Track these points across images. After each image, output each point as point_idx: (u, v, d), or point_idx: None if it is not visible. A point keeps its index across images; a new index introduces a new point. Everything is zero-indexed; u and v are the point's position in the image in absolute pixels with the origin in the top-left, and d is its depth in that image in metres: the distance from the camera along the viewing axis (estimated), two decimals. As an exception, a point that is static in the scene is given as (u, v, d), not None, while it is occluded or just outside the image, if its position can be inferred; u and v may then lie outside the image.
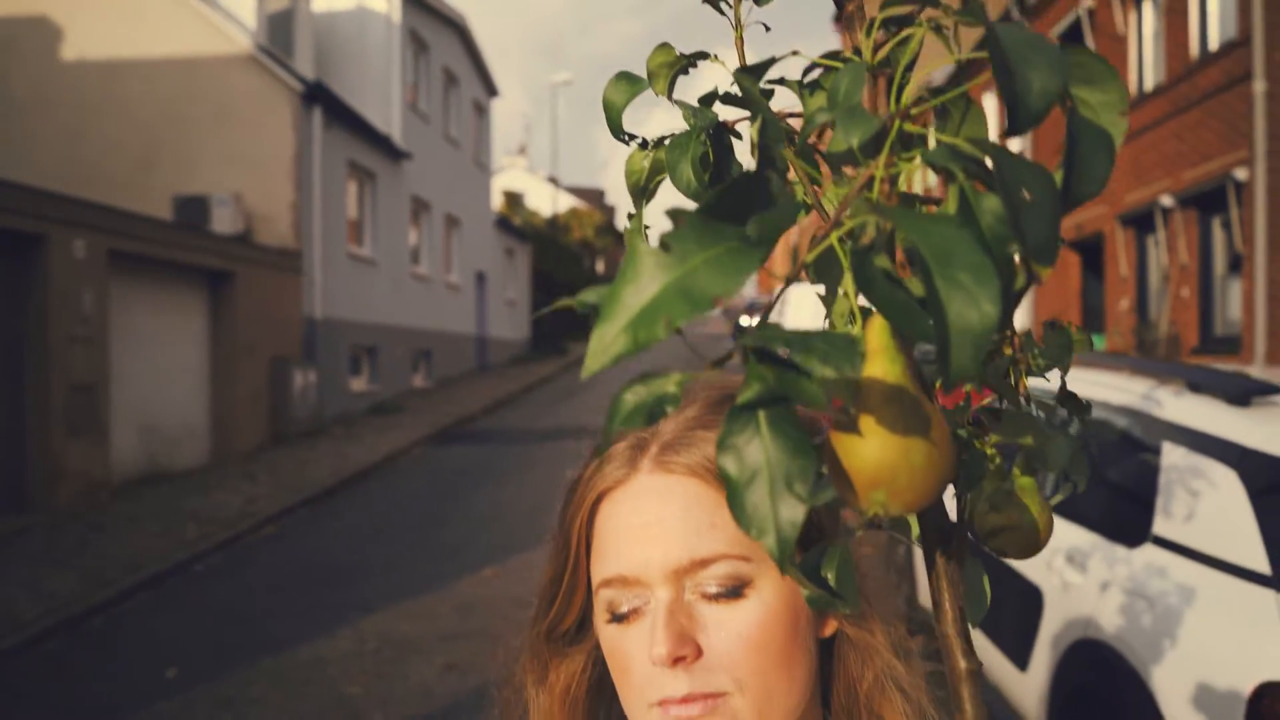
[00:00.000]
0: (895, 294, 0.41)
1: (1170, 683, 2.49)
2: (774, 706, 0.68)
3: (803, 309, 15.82)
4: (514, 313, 27.68)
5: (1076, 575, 3.13)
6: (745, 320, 26.95)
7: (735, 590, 0.68)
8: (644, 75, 0.63)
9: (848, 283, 0.43)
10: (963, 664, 0.55)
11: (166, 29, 13.41)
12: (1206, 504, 2.66)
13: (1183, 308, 11.49)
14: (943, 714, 0.75)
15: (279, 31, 14.85)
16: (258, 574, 7.47)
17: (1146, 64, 12.69)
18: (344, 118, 14.88)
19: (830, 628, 0.75)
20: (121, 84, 13.43)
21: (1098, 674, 2.89)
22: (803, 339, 0.38)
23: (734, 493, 0.40)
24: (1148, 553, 2.83)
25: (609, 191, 62.85)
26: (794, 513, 0.39)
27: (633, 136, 0.65)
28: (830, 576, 0.54)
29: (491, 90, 25.01)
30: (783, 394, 0.40)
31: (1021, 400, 0.61)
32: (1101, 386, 3.62)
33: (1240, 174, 10.07)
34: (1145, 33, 12.68)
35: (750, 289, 50.30)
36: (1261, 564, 2.40)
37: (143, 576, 7.11)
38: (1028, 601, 3.43)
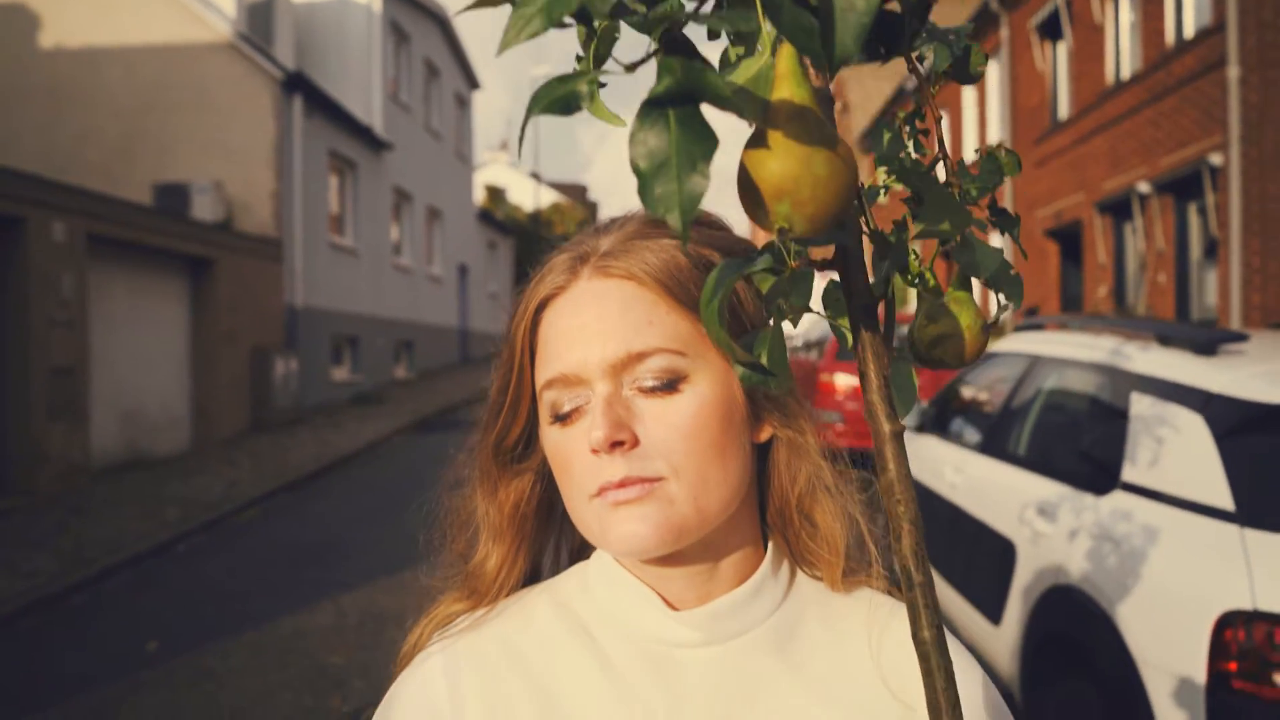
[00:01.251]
0: (800, 18, 0.45)
1: (1138, 620, 2.54)
2: (709, 495, 0.71)
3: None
4: (496, 306, 27.65)
5: (1047, 525, 3.19)
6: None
7: (670, 384, 0.71)
8: (631, 77, 0.64)
9: (759, 12, 0.46)
10: (886, 427, 0.58)
11: (145, 16, 13.33)
12: (1173, 449, 2.72)
13: (1159, 293, 11.61)
14: (871, 519, 0.79)
15: (258, 20, 14.79)
16: (239, 555, 7.46)
17: (1124, 53, 12.81)
18: (325, 107, 14.83)
19: (765, 433, 0.78)
20: (100, 71, 13.35)
21: (1068, 619, 2.94)
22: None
23: (643, 183, 0.43)
24: (1116, 499, 2.89)
25: (591, 187, 62.83)
26: (698, 187, 0.42)
27: None
28: (762, 355, 0.58)
29: (473, 83, 24.96)
30: (691, 89, 0.43)
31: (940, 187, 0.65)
32: (1074, 346, 3.69)
33: (1215, 159, 10.20)
34: (1122, 22, 12.80)
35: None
36: (1226, 501, 2.45)
37: (123, 557, 7.09)
38: (1000, 556, 3.48)
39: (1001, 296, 0.71)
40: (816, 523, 0.78)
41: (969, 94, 17.17)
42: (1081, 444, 3.33)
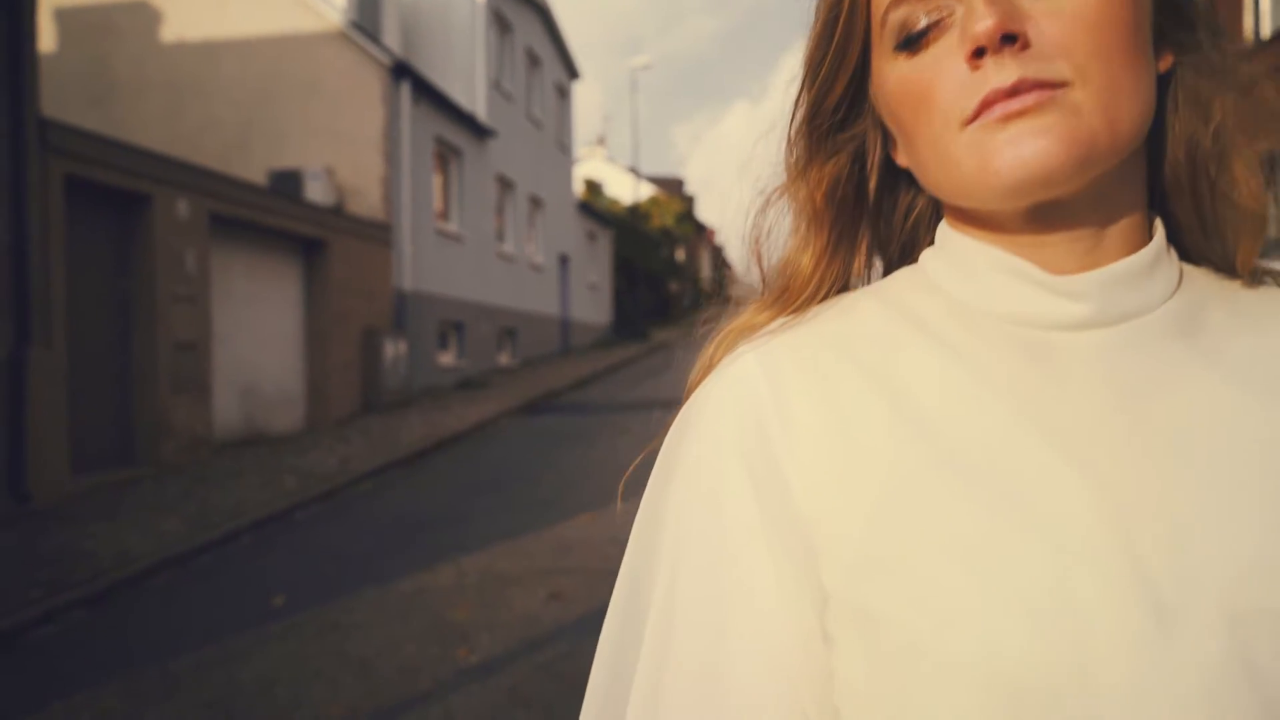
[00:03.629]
0: None
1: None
2: (1120, 106, 0.53)
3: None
4: (596, 296, 27.72)
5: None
6: None
7: None
8: (723, 75, 0.45)
9: None
10: None
11: (259, 8, 13.70)
12: None
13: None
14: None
15: (367, 10, 15.04)
16: (356, 521, 7.52)
17: (1264, 8, 12.02)
18: (431, 95, 15.01)
19: (1166, 62, 0.59)
20: (217, 63, 13.77)
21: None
22: None
23: None
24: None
25: (688, 181, 62.69)
26: None
27: None
28: None
29: (573, 73, 25.05)
30: None
31: None
32: None
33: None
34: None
35: None
36: None
37: (245, 522, 7.21)
38: None
39: None
40: (1237, 175, 0.59)
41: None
42: None
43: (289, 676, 4.32)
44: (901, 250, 0.72)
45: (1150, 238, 0.60)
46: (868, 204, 0.69)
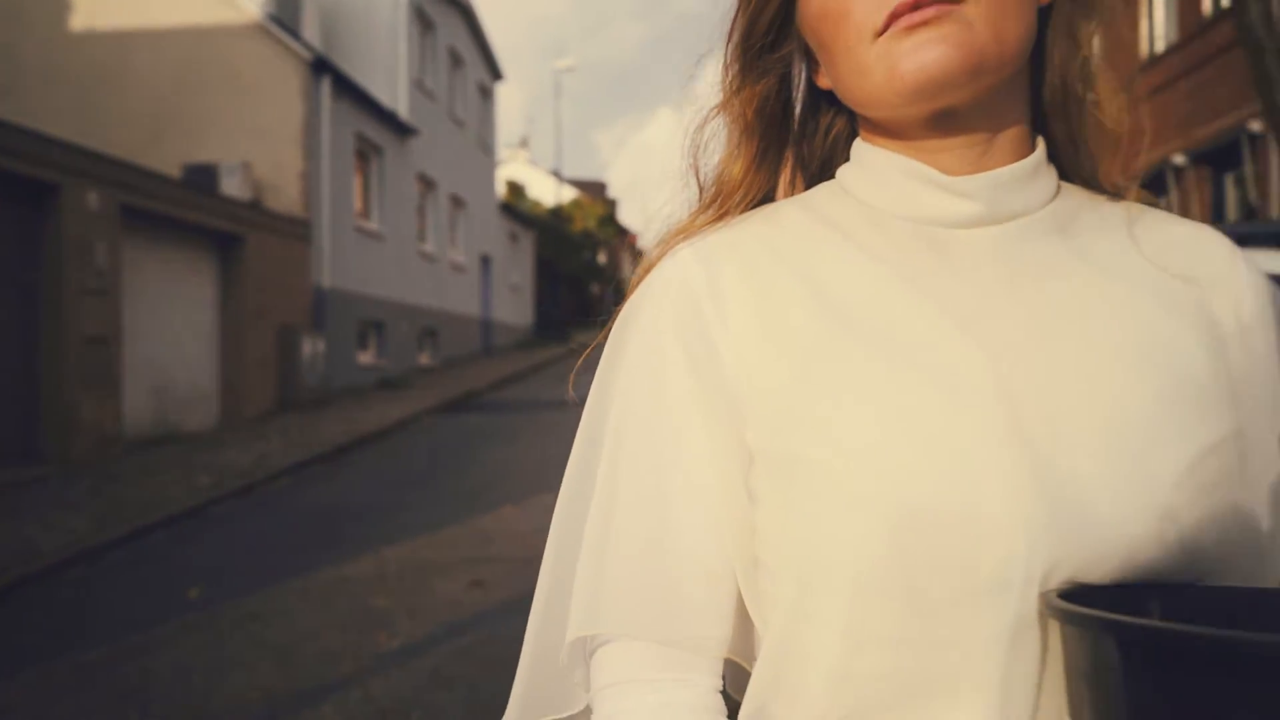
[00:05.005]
0: None
1: None
2: (1005, 25, 0.63)
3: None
4: (518, 297, 27.65)
5: None
6: None
7: None
8: (648, 81, 0.54)
9: None
10: None
11: (174, -1, 13.40)
12: None
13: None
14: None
15: (285, 4, 14.81)
16: (276, 515, 7.44)
17: (1158, 26, 12.66)
18: (351, 91, 14.85)
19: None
20: (131, 54, 13.42)
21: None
22: None
23: None
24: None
25: (611, 186, 62.83)
26: None
27: None
28: None
29: (497, 74, 24.98)
30: None
31: None
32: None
33: (1253, 126, 10.04)
34: (1157, -3, 12.67)
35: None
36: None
37: (158, 517, 7.08)
38: None
39: None
40: (1101, 97, 0.71)
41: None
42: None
43: (205, 665, 4.29)
44: (821, 166, 0.82)
45: (1033, 150, 0.71)
46: (793, 122, 0.80)
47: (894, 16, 0.62)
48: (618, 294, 0.79)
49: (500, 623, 4.65)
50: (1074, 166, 0.74)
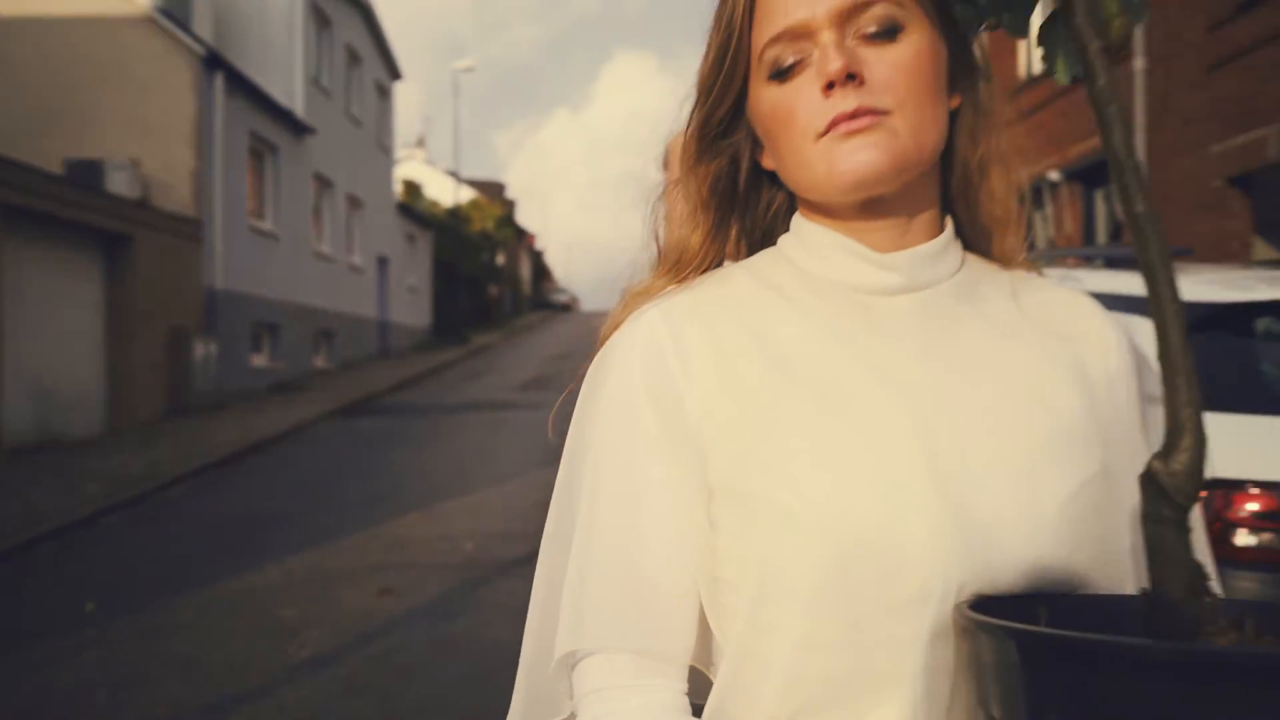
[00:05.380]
0: None
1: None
2: (925, 132, 0.77)
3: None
4: (415, 299, 27.31)
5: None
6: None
7: (891, 31, 0.77)
8: (545, 82, 0.64)
9: None
10: (1095, 42, 0.64)
11: (56, -13, 12.85)
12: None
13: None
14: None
15: (176, -3, 14.37)
16: (172, 525, 7.28)
17: (1034, 50, 13.38)
18: (246, 88, 14.50)
19: (955, 100, 0.84)
20: (10, 42, 12.80)
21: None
22: None
23: None
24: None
25: (510, 186, 62.39)
26: None
27: None
28: None
29: (395, 73, 24.64)
30: None
31: None
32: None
33: (1122, 147, 10.74)
34: (1033, 20, 13.36)
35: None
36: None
37: (45, 529, 6.84)
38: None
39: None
40: (994, 188, 0.86)
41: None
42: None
43: (109, 680, 4.21)
44: (763, 235, 0.96)
45: (943, 229, 0.86)
46: (739, 197, 0.94)
47: (834, 123, 0.76)
48: (515, 297, 0.91)
49: (410, 630, 4.69)
50: (974, 242, 0.89)
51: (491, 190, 46.41)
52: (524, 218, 50.32)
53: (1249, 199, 9.27)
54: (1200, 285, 2.88)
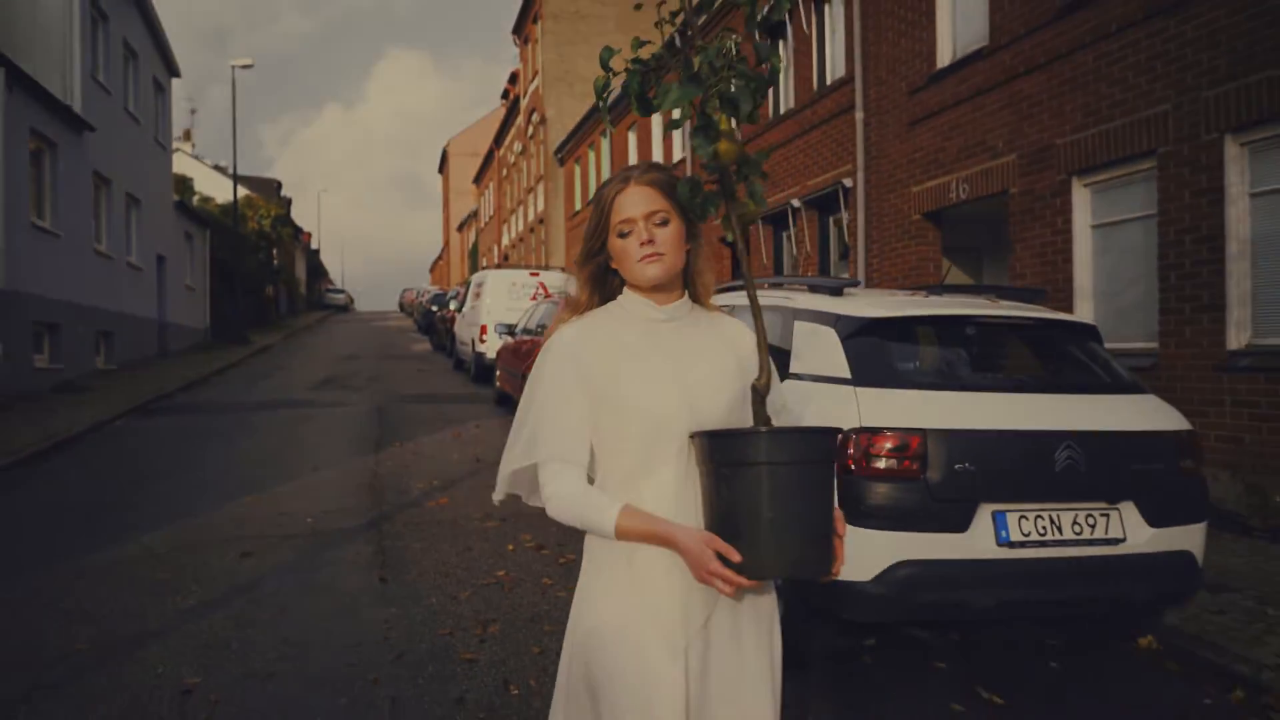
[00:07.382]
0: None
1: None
2: (677, 262, 2.04)
3: (499, 291, 17.43)
4: (193, 299, 26.70)
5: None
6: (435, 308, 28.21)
7: (664, 222, 2.05)
8: (314, 76, 1.39)
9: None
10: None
11: None
12: (818, 349, 4.47)
13: (810, 290, 14.35)
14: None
15: (-53, -14, 13.95)
16: (6, 516, 7.65)
17: (784, 92, 15.53)
18: (24, 83, 14.26)
19: (688, 246, 2.20)
20: None
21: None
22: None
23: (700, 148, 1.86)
24: (790, 382, 4.60)
25: (285, 185, 60.47)
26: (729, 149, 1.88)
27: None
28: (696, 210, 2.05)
29: (173, 70, 24.11)
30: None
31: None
32: (769, 297, 5.44)
33: (847, 182, 12.93)
34: (781, 67, 15.56)
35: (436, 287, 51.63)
36: (846, 373, 4.21)
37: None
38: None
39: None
40: (705, 280, 2.23)
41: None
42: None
43: (19, 628, 4.91)
44: (610, 293, 2.28)
45: (684, 294, 2.21)
46: (603, 279, 2.26)
47: (644, 257, 2.10)
48: (292, 297, 2.15)
49: (280, 580, 5.64)
50: (696, 299, 2.26)
51: (266, 188, 45.17)
52: (297, 215, 49.05)
53: (939, 230, 11.61)
54: (877, 306, 4.49)
